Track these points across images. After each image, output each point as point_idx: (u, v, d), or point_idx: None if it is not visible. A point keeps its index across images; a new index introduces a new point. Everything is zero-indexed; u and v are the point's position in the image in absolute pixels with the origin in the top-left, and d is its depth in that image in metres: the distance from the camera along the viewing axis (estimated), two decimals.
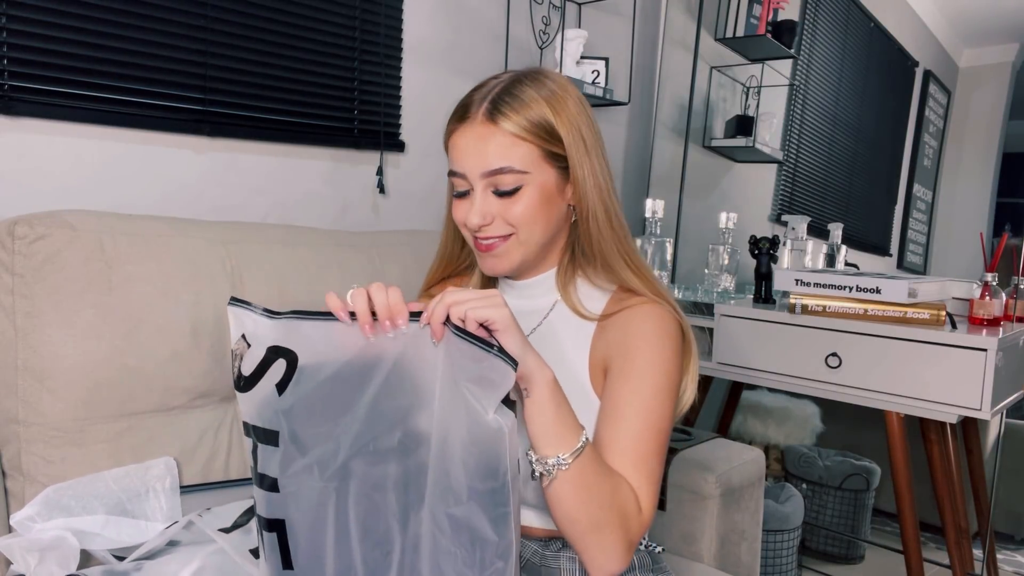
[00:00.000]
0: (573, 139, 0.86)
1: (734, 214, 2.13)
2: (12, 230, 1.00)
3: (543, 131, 0.85)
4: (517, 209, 0.86)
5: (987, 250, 2.00)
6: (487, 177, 0.85)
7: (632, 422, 0.83)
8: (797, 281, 1.79)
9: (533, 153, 0.85)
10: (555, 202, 0.89)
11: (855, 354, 1.68)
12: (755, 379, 1.88)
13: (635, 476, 0.81)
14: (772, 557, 2.03)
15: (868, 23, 2.59)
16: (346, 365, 0.72)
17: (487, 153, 0.84)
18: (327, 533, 0.74)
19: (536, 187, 0.86)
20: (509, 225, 0.87)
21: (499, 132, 0.84)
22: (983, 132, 2.47)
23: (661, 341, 0.87)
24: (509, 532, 0.69)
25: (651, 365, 0.86)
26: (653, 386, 0.85)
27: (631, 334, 0.88)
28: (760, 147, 2.41)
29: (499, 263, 0.90)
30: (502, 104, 0.85)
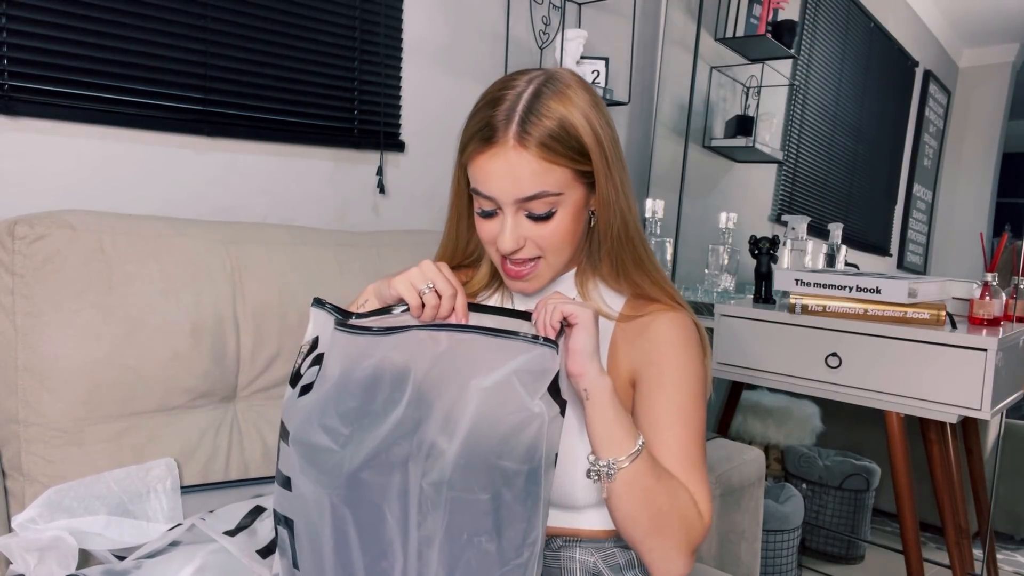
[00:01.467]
0: (599, 154, 0.84)
1: (734, 214, 2.13)
2: (12, 230, 1.00)
3: (573, 151, 0.83)
4: (549, 231, 0.85)
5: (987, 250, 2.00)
6: (520, 204, 0.83)
7: (676, 430, 0.85)
8: (797, 281, 1.79)
9: (566, 176, 0.83)
10: (582, 217, 0.89)
11: (855, 354, 1.68)
12: (755, 379, 1.88)
13: (690, 481, 0.83)
14: (772, 557, 2.02)
15: (868, 23, 2.59)
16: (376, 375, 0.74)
17: (520, 179, 0.82)
18: (326, 540, 0.74)
19: (569, 208, 0.85)
20: (539, 248, 0.86)
21: (532, 159, 0.81)
22: (983, 132, 2.47)
23: (689, 348, 0.90)
24: (537, 518, 0.71)
25: (684, 373, 0.88)
26: (689, 393, 0.88)
27: (660, 343, 0.89)
28: (760, 147, 2.41)
29: (529, 285, 0.90)
30: (530, 125, 0.81)
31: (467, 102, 2.01)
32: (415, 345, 0.73)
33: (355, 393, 0.74)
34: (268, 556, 0.92)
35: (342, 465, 0.72)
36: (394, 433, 0.72)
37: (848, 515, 2.35)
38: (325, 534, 0.73)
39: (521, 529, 0.71)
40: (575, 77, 0.88)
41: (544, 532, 0.74)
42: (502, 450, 0.70)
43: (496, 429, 0.71)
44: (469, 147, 0.85)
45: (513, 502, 0.71)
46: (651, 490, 0.79)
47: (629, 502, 0.78)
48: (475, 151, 0.84)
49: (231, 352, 1.14)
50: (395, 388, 0.73)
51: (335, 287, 1.26)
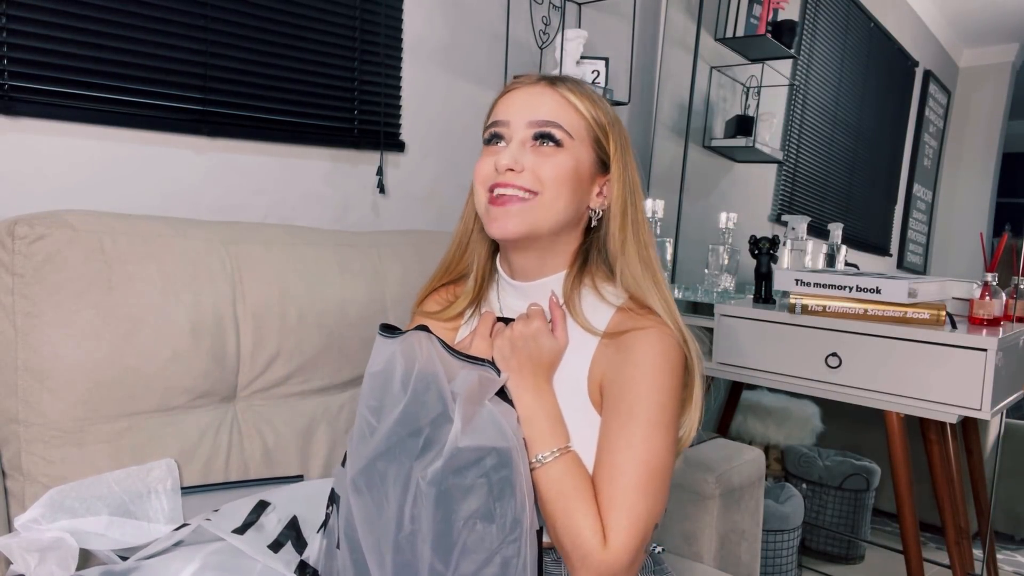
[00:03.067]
0: (617, 137, 0.90)
1: (734, 214, 2.13)
2: (12, 230, 1.00)
3: (596, 118, 0.89)
4: (550, 166, 0.85)
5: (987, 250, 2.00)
6: (533, 127, 0.87)
7: (618, 456, 0.81)
8: (797, 281, 1.79)
9: (583, 125, 0.88)
10: (584, 186, 0.89)
11: (855, 354, 1.68)
12: (755, 379, 1.88)
13: (609, 508, 0.79)
14: (772, 557, 2.03)
15: (868, 23, 2.59)
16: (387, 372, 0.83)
17: (541, 104, 0.87)
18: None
19: (574, 156, 0.87)
20: (537, 181, 0.85)
21: (557, 94, 0.88)
22: (983, 132, 2.47)
23: (659, 373, 0.84)
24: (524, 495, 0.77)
25: (645, 399, 0.83)
26: (646, 421, 0.82)
27: (630, 362, 0.85)
28: (760, 147, 2.41)
29: (510, 222, 0.86)
30: (563, 80, 0.90)
31: (467, 102, 2.01)
32: (419, 346, 0.82)
33: (376, 387, 0.83)
34: (279, 550, 0.92)
35: (367, 450, 0.81)
36: (401, 425, 0.79)
37: (848, 515, 2.35)
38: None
39: (513, 507, 0.76)
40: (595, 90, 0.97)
41: (534, 510, 0.79)
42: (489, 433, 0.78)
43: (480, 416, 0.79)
44: (498, 96, 0.92)
45: (503, 483, 0.77)
46: (547, 503, 0.81)
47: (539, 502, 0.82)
48: (503, 93, 0.91)
49: (231, 352, 1.14)
50: (403, 383, 0.80)
51: (335, 287, 1.26)
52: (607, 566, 0.77)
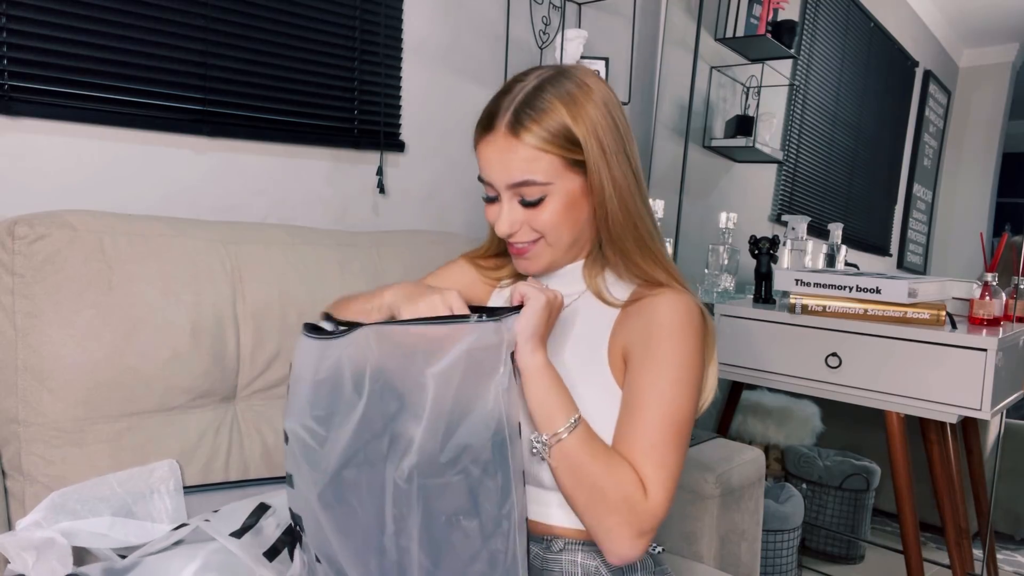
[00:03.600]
0: (590, 145, 0.86)
1: (734, 214, 2.13)
2: (12, 230, 1.00)
3: (564, 139, 0.85)
4: (542, 217, 0.89)
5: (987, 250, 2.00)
6: (512, 188, 0.88)
7: (648, 412, 0.84)
8: (797, 281, 1.79)
9: (555, 164, 0.86)
10: (581, 206, 0.90)
11: (855, 354, 1.68)
12: (755, 379, 1.88)
13: (644, 462, 0.82)
14: (772, 557, 2.03)
15: (868, 23, 2.59)
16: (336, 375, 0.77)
17: (510, 166, 0.86)
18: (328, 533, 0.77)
19: (560, 196, 0.88)
20: (535, 231, 0.90)
21: (521, 145, 0.85)
22: (983, 132, 2.47)
23: (683, 331, 0.88)
24: (511, 486, 0.74)
25: (672, 355, 0.86)
26: (673, 377, 0.86)
27: (654, 323, 0.89)
28: (760, 147, 2.41)
29: (530, 265, 0.93)
30: (523, 116, 0.85)
31: (467, 102, 2.01)
32: (367, 343, 0.76)
33: (322, 395, 0.78)
34: (275, 557, 0.91)
35: (325, 463, 0.77)
36: (363, 430, 0.76)
37: (848, 515, 2.35)
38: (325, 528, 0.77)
39: (496, 501, 0.74)
40: (589, 73, 0.91)
41: (523, 502, 0.77)
42: (465, 429, 0.74)
43: (456, 410, 0.74)
44: (475, 134, 0.91)
45: (484, 476, 0.74)
46: (584, 466, 0.80)
47: (564, 477, 0.81)
48: (477, 138, 0.90)
49: (231, 352, 1.14)
50: (356, 386, 0.76)
51: (335, 287, 1.26)
52: (651, 516, 0.80)
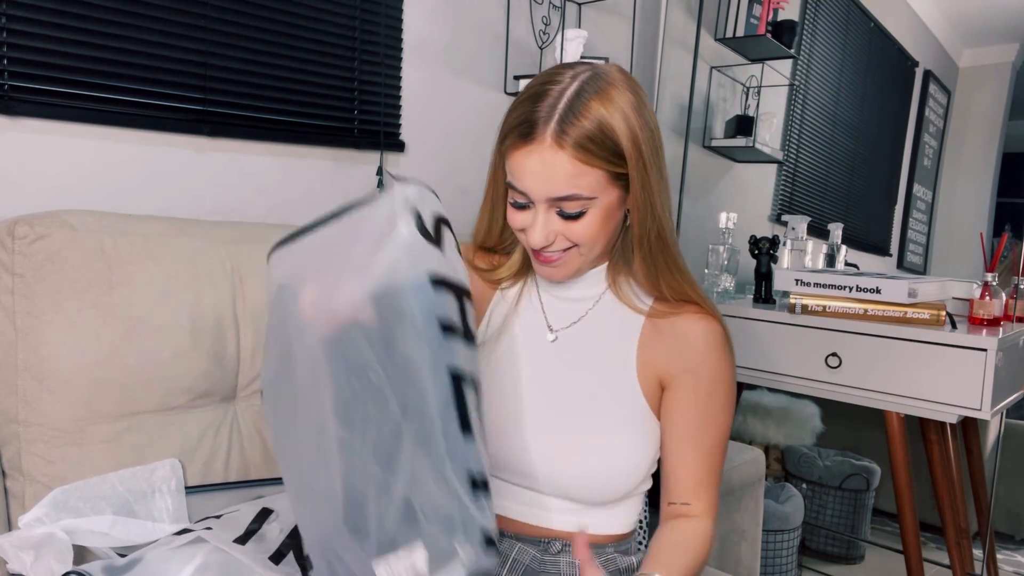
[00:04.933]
0: (636, 159, 0.83)
1: (734, 214, 2.13)
2: (12, 230, 1.00)
3: (611, 154, 0.82)
4: (579, 229, 0.85)
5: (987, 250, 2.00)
6: (553, 203, 0.84)
7: (703, 440, 0.90)
8: (797, 281, 1.79)
9: (601, 179, 0.83)
10: (616, 216, 0.89)
11: (855, 354, 1.68)
12: (755, 379, 1.88)
13: (704, 488, 0.90)
14: (772, 557, 2.03)
15: (868, 23, 2.59)
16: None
17: (555, 179, 0.82)
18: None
19: (601, 208, 0.85)
20: (571, 241, 0.87)
21: (567, 160, 0.80)
22: (983, 132, 2.47)
23: (724, 358, 0.92)
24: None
25: (718, 382, 0.91)
26: (719, 403, 0.91)
27: (697, 350, 0.91)
28: (760, 147, 2.41)
29: (557, 272, 0.91)
30: (568, 126, 0.80)
31: (467, 102, 2.01)
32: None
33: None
34: (280, 561, 0.91)
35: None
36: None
37: (848, 515, 2.35)
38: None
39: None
40: (622, 75, 0.86)
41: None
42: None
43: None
44: (508, 140, 0.85)
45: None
46: None
47: None
48: (513, 145, 0.83)
49: (231, 352, 1.14)
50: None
51: None
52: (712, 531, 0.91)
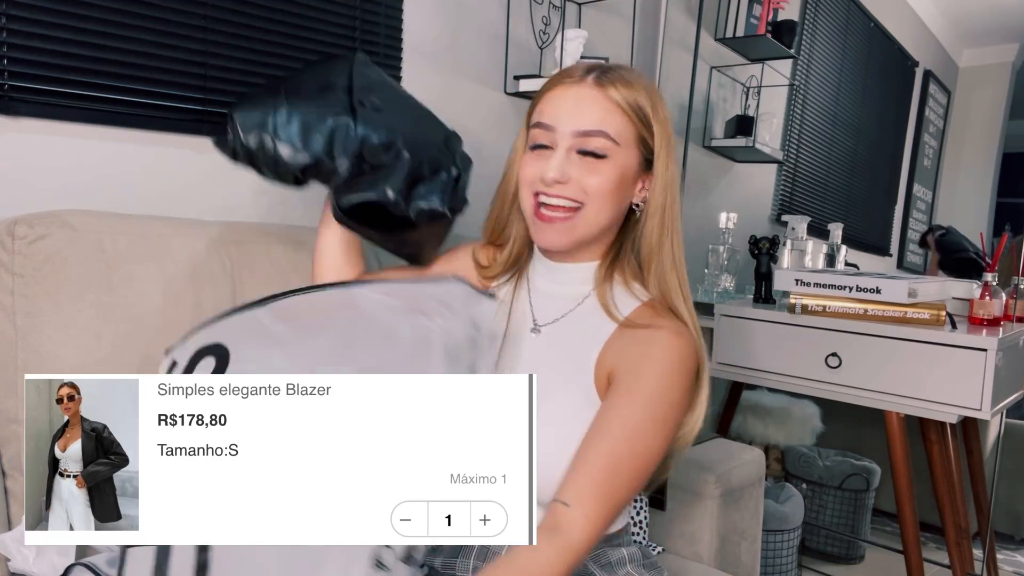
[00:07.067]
0: (662, 134, 0.88)
1: (734, 214, 2.13)
2: (12, 230, 1.00)
3: (642, 114, 0.86)
4: (596, 180, 0.85)
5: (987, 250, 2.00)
6: (578, 137, 0.85)
7: (619, 448, 0.81)
8: (797, 281, 1.79)
9: (629, 129, 0.86)
10: (627, 190, 0.89)
11: (855, 354, 1.68)
12: (755, 379, 1.88)
13: (596, 500, 0.79)
14: (772, 557, 2.03)
15: (868, 23, 2.59)
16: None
17: (587, 111, 0.85)
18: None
19: (619, 165, 0.86)
20: (582, 192, 0.86)
21: (604, 97, 0.85)
22: (983, 132, 2.47)
23: (675, 373, 0.86)
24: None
25: (656, 393, 0.84)
26: (650, 414, 0.83)
27: (648, 357, 0.86)
28: (760, 147, 2.41)
29: (559, 237, 0.88)
30: (612, 75, 0.86)
31: (467, 102, 2.01)
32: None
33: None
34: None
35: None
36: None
37: (848, 515, 2.35)
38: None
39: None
40: (647, 76, 0.92)
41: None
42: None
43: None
44: (544, 88, 0.89)
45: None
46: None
47: None
48: (550, 87, 0.88)
49: None
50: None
51: None
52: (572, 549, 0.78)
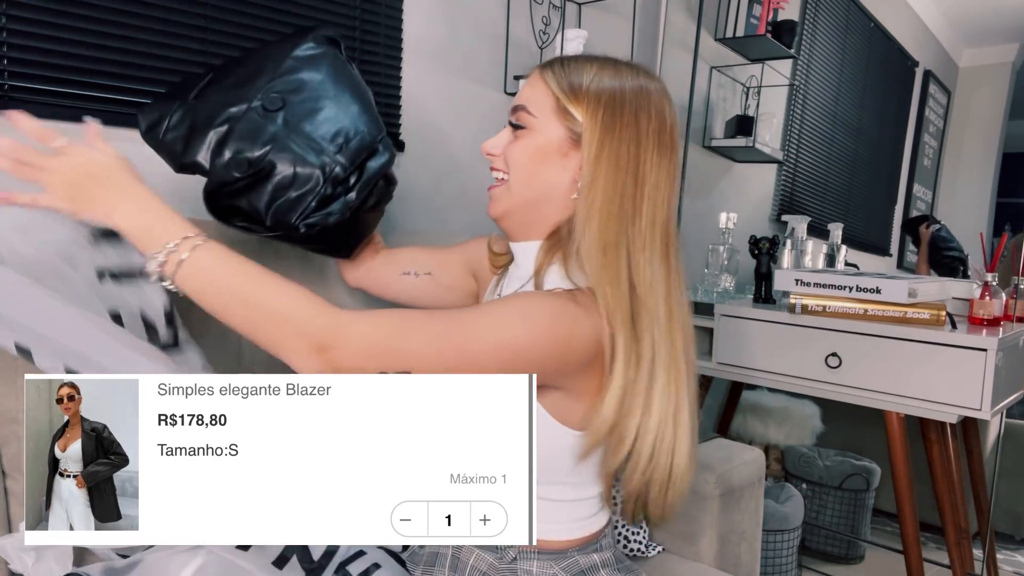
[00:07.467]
0: (596, 109, 0.85)
1: (734, 214, 2.13)
2: None
3: (570, 89, 0.87)
4: (513, 151, 0.90)
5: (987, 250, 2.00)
6: (512, 113, 0.91)
7: (426, 315, 0.78)
8: (797, 281, 1.79)
9: (548, 102, 0.88)
10: (553, 162, 0.88)
11: (855, 354, 1.68)
12: (755, 379, 1.88)
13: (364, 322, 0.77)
14: (772, 557, 2.03)
15: (868, 23, 2.59)
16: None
17: (521, 92, 0.91)
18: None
19: (536, 135, 0.88)
20: (506, 164, 0.91)
21: (537, 76, 0.90)
22: (983, 132, 2.47)
23: (530, 319, 0.78)
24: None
25: (498, 315, 0.78)
26: (475, 321, 0.78)
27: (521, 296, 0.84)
28: (760, 147, 2.41)
29: (492, 206, 0.94)
30: (560, 61, 0.91)
31: (467, 102, 2.01)
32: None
33: None
34: (284, 565, 0.91)
35: None
36: None
37: (848, 515, 2.35)
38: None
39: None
40: (655, 81, 0.90)
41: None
42: None
43: None
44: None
45: None
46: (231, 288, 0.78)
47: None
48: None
49: (231, 352, 1.14)
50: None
51: (336, 287, 1.26)
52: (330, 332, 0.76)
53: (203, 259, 0.78)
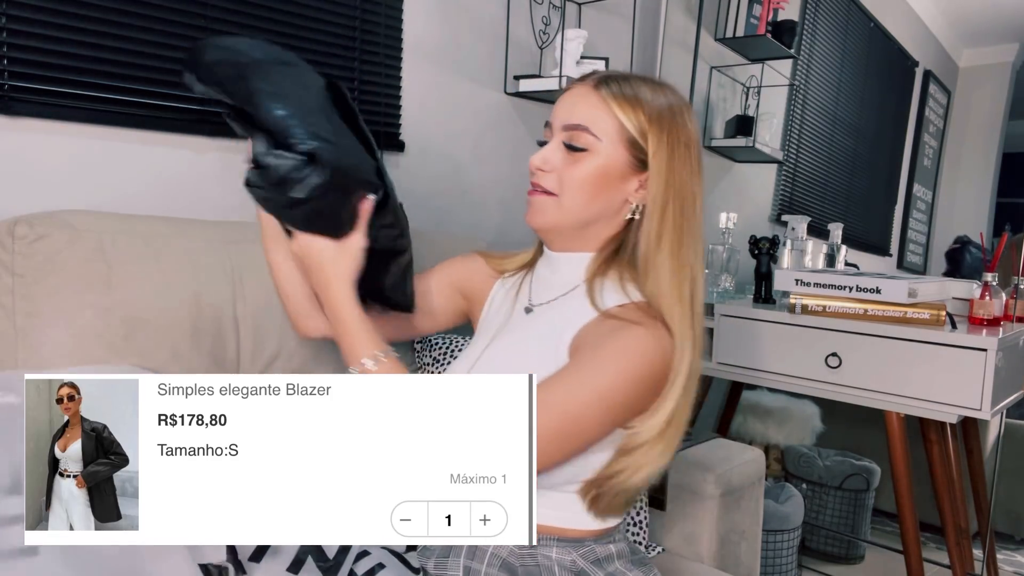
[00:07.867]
0: (660, 134, 0.89)
1: (734, 214, 2.13)
2: (12, 230, 1.00)
3: (631, 121, 0.88)
4: (573, 172, 0.90)
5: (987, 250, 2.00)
6: (565, 131, 0.90)
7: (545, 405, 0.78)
8: (797, 281, 1.79)
9: (615, 129, 0.89)
10: (613, 186, 0.90)
11: (855, 354, 1.68)
12: (755, 379, 1.88)
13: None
14: (772, 557, 2.03)
15: (868, 23, 2.59)
16: None
17: (576, 108, 0.90)
18: None
19: (600, 160, 0.89)
20: (559, 184, 0.90)
21: (595, 95, 0.89)
22: (983, 132, 2.47)
23: (631, 366, 0.84)
24: None
25: (605, 374, 0.83)
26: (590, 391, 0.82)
27: (612, 339, 0.85)
28: (760, 147, 2.41)
29: (535, 216, 0.94)
30: (611, 79, 0.91)
31: (467, 102, 2.01)
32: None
33: None
34: (300, 569, 0.91)
35: None
36: None
37: (848, 515, 2.35)
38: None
39: None
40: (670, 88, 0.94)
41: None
42: None
43: None
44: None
45: None
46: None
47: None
48: (563, 92, 0.95)
49: (231, 352, 1.14)
50: None
51: None
52: None
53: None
